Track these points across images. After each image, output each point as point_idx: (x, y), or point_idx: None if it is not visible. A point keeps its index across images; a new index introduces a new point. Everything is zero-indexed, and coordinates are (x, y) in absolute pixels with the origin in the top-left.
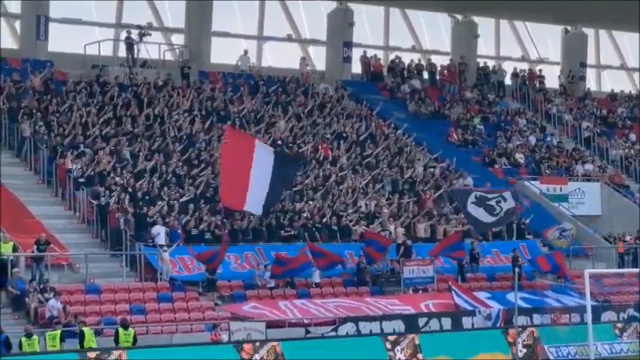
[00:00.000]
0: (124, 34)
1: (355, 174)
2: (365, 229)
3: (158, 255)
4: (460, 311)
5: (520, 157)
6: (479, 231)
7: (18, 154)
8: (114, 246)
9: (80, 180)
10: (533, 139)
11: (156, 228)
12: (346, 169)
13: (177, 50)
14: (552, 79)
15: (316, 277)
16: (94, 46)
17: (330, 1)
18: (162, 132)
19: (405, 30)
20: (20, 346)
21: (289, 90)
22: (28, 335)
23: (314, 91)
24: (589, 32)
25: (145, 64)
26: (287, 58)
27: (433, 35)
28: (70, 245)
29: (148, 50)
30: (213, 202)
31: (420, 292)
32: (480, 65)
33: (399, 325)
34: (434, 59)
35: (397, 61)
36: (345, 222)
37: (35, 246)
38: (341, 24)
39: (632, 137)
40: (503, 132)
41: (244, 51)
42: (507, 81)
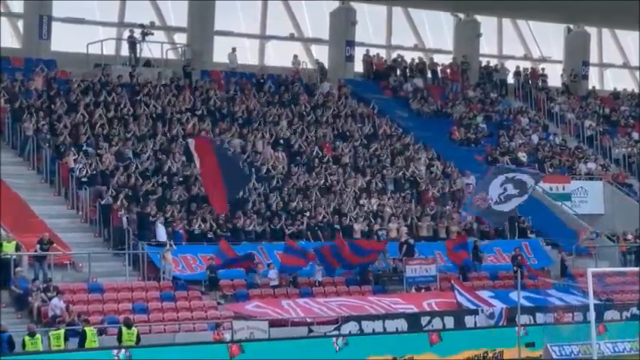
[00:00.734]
0: (127, 34)
1: (358, 173)
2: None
3: (161, 254)
4: (463, 310)
5: (523, 156)
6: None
7: (21, 154)
8: (117, 245)
9: (83, 179)
10: (535, 138)
11: (157, 227)
12: (348, 168)
13: (179, 49)
14: (555, 78)
15: (319, 276)
16: (97, 46)
17: (333, 1)
18: (164, 131)
19: (408, 29)
20: (23, 345)
21: (292, 89)
22: (31, 334)
23: (316, 90)
24: (592, 31)
25: (148, 64)
26: (289, 57)
27: (436, 34)
28: (73, 244)
29: (151, 49)
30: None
31: (423, 291)
32: (483, 64)
33: (402, 324)
34: (436, 58)
35: (399, 60)
36: (347, 221)
37: (38, 245)
38: (343, 23)
39: (634, 136)
40: (505, 131)
41: (232, 48)
42: (510, 80)
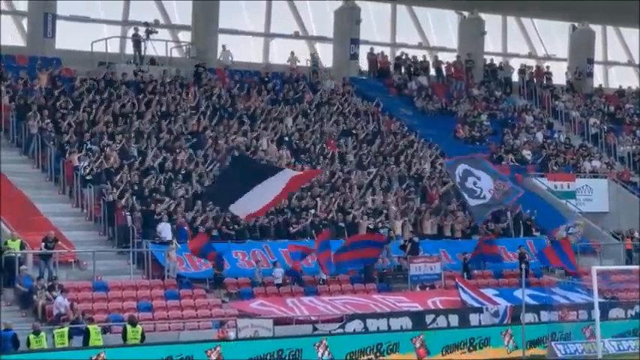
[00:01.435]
0: (131, 32)
1: (362, 170)
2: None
3: (165, 252)
4: (467, 308)
5: (527, 154)
6: (479, 218)
7: (25, 152)
8: (121, 243)
9: (87, 177)
10: (540, 136)
11: (161, 225)
12: (353, 166)
13: (184, 47)
14: (559, 76)
15: (323, 274)
16: (101, 44)
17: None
18: (169, 129)
19: (412, 27)
20: (28, 343)
21: (296, 87)
22: (36, 332)
23: (318, 86)
24: (596, 29)
25: (152, 62)
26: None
27: (440, 32)
28: (78, 243)
29: (155, 47)
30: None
31: (427, 289)
32: (487, 62)
33: (407, 322)
34: (441, 56)
35: (404, 58)
36: (352, 218)
37: (43, 243)
38: (348, 21)
39: (639, 133)
40: (510, 129)
41: (222, 46)
42: (514, 78)
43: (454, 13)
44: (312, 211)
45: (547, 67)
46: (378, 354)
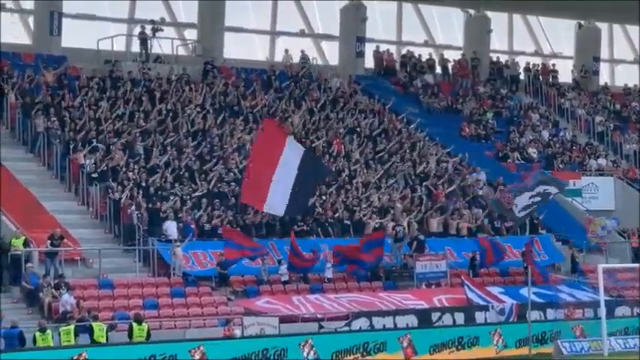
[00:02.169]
0: (138, 30)
1: (368, 169)
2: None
3: (171, 250)
4: (473, 306)
5: (533, 152)
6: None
7: (31, 150)
8: (127, 241)
9: (93, 175)
10: (546, 134)
11: (167, 223)
12: (359, 164)
13: (190, 45)
14: (565, 74)
15: (329, 272)
16: (107, 42)
17: None
18: (175, 127)
19: (418, 25)
20: (34, 341)
21: (302, 85)
22: (42, 330)
23: (327, 86)
24: (602, 27)
25: (158, 60)
26: (300, 54)
27: (446, 30)
28: (83, 240)
29: (161, 45)
30: (226, 198)
31: (433, 287)
32: (493, 60)
33: (413, 320)
34: (447, 54)
35: (409, 56)
36: (358, 217)
37: (49, 241)
38: (354, 19)
39: None
40: (516, 126)
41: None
42: (520, 75)
43: (460, 11)
44: (317, 210)
45: (553, 65)
46: (365, 353)
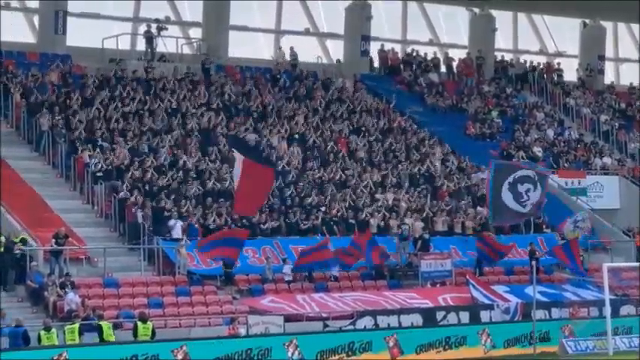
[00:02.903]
0: (142, 29)
1: (373, 168)
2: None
3: (176, 249)
4: (478, 305)
5: (538, 151)
6: (500, 220)
7: (36, 149)
8: (132, 240)
9: (98, 174)
10: (551, 133)
11: (172, 222)
12: (364, 163)
13: (194, 44)
14: (570, 73)
15: (334, 271)
16: (112, 41)
17: None
18: (180, 126)
19: (423, 23)
20: (39, 340)
21: (307, 84)
22: (47, 329)
23: (332, 86)
24: (607, 25)
25: (163, 58)
26: (305, 52)
27: (451, 29)
28: (88, 239)
29: (166, 44)
30: (230, 197)
31: (438, 286)
32: (498, 59)
33: (417, 319)
34: (451, 53)
35: (414, 55)
36: (363, 216)
37: (54, 240)
38: (359, 18)
39: None
40: (521, 125)
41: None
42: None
43: (465, 10)
44: (322, 209)
45: (558, 64)
46: (350, 353)
